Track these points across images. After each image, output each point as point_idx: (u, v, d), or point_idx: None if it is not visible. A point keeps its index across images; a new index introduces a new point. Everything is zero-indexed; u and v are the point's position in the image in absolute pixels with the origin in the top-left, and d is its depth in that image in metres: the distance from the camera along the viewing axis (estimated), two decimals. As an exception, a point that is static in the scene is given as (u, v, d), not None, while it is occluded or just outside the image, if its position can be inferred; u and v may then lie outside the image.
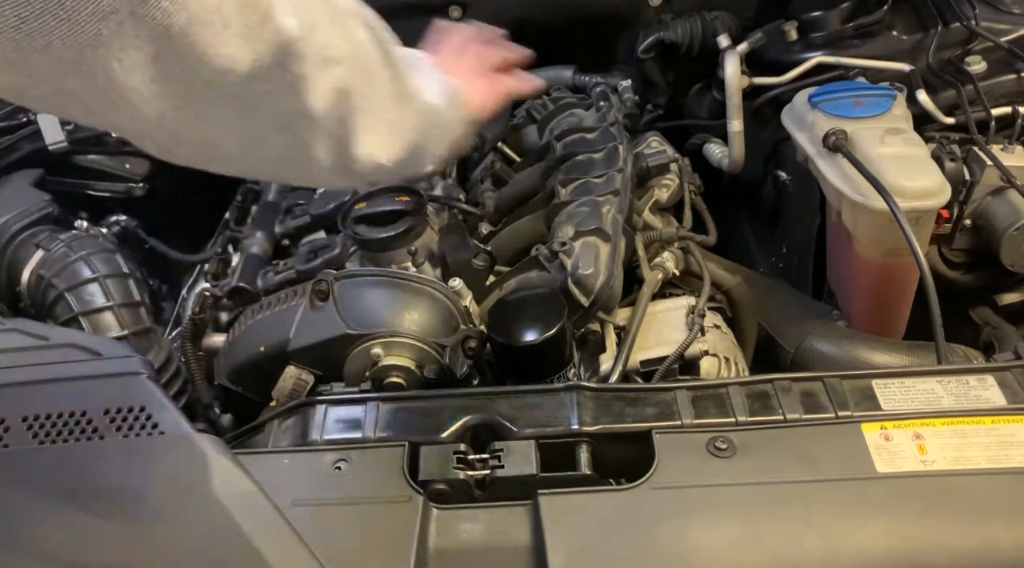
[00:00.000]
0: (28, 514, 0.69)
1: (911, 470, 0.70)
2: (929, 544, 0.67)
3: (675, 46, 1.44)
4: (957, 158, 1.14)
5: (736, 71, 1.31)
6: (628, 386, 0.88)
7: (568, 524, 0.68)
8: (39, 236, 1.16)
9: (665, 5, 1.48)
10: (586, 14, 1.49)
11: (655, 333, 1.01)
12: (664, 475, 0.71)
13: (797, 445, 0.73)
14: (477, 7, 1.48)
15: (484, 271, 1.02)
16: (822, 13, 1.32)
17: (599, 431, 0.76)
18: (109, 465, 0.71)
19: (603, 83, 1.37)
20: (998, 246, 1.13)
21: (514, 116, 1.39)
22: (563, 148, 1.20)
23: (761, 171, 1.41)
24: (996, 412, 0.74)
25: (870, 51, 1.29)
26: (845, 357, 1.08)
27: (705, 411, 0.76)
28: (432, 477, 0.72)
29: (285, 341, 0.94)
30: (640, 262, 1.09)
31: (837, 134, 1.08)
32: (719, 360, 0.99)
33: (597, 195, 1.06)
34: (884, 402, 0.76)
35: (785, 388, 0.78)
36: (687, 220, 1.21)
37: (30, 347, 0.80)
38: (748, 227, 1.51)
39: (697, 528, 0.68)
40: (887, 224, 1.01)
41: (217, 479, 0.69)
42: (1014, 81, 1.24)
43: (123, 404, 0.73)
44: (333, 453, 0.74)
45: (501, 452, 0.74)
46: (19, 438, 0.72)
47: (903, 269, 1.09)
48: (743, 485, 0.70)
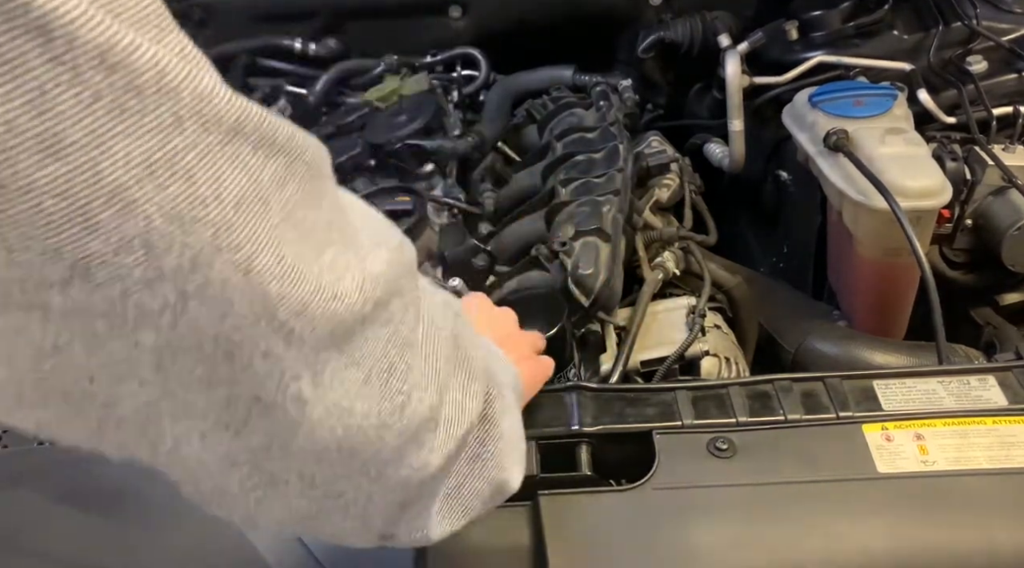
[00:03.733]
0: (28, 514, 0.69)
1: (912, 470, 0.70)
2: (930, 544, 0.67)
3: (675, 46, 1.44)
4: (958, 158, 1.14)
5: (736, 71, 1.31)
6: (628, 386, 0.88)
7: (568, 525, 0.68)
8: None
9: (665, 5, 1.48)
10: (586, 14, 1.49)
11: (655, 333, 1.00)
12: (665, 475, 0.70)
13: (798, 445, 0.72)
14: (477, 7, 1.48)
15: (484, 271, 1.01)
16: (823, 12, 1.32)
17: (599, 431, 0.76)
18: (109, 465, 0.71)
19: (603, 83, 1.36)
20: (999, 246, 1.13)
21: (514, 116, 1.39)
22: (563, 148, 1.20)
23: (762, 171, 1.41)
24: (997, 412, 0.74)
25: (871, 50, 1.28)
26: (846, 357, 1.08)
27: (706, 411, 0.76)
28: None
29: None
30: (640, 262, 1.09)
31: (838, 134, 1.08)
32: (720, 360, 0.99)
33: (597, 195, 1.06)
34: (885, 402, 0.76)
35: (786, 388, 0.78)
36: (687, 220, 1.21)
37: (29, 347, 0.80)
38: (749, 227, 1.51)
39: (698, 528, 0.67)
40: (888, 224, 1.01)
41: (216, 480, 0.69)
42: (1015, 81, 1.24)
43: (122, 404, 0.73)
44: (333, 453, 0.74)
45: (501, 452, 0.74)
46: (18, 439, 0.72)
47: (904, 269, 1.09)
48: (744, 485, 0.69)
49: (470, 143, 1.23)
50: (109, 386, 0.36)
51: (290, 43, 1.44)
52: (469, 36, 1.48)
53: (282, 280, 0.37)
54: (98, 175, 0.31)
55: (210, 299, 0.35)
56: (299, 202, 0.38)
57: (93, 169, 0.31)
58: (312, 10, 1.47)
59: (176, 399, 0.38)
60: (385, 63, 1.42)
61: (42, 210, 0.31)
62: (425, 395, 0.46)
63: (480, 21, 1.49)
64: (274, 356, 0.38)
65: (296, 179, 0.38)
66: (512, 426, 0.58)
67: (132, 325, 0.34)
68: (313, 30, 1.47)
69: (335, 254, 0.40)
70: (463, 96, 1.38)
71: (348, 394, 0.42)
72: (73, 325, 0.34)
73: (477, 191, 1.22)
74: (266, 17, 1.45)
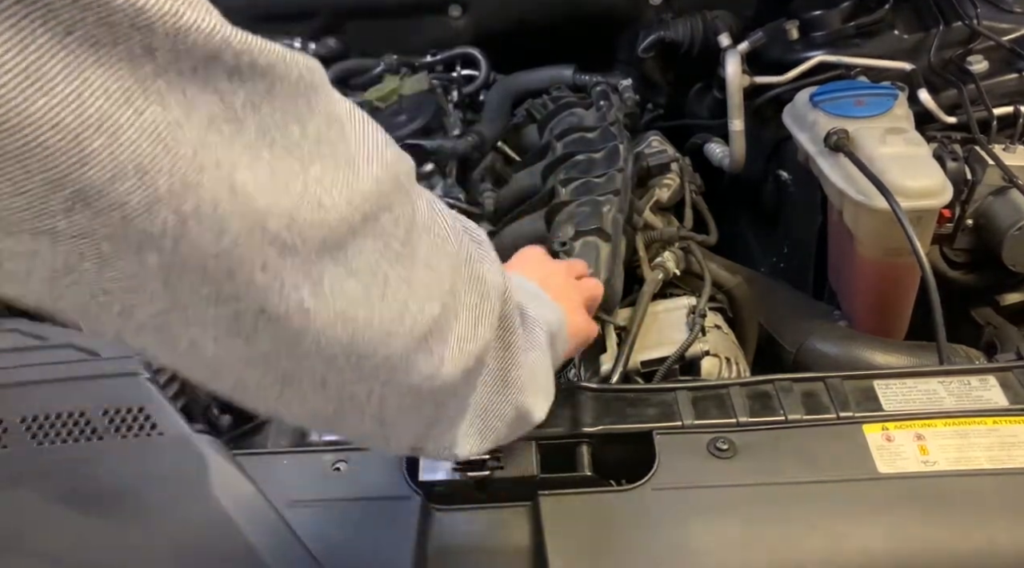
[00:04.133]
0: (28, 514, 0.69)
1: (913, 471, 0.70)
2: (930, 545, 0.67)
3: (676, 45, 1.44)
4: (959, 157, 1.14)
5: (737, 70, 1.30)
6: (629, 386, 0.88)
7: (568, 525, 0.67)
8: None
9: (665, 4, 1.48)
10: (586, 13, 1.49)
11: (656, 333, 1.00)
12: (665, 476, 0.70)
13: (798, 446, 0.72)
14: (477, 6, 1.48)
15: (484, 271, 1.01)
16: (823, 12, 1.32)
17: (600, 431, 0.76)
18: (108, 466, 0.71)
19: (603, 82, 1.36)
20: (1000, 246, 1.13)
21: (514, 116, 1.39)
22: (563, 147, 1.20)
23: (762, 171, 1.41)
24: (998, 413, 0.74)
25: (871, 50, 1.28)
26: (846, 357, 1.08)
27: (706, 411, 0.76)
28: (432, 478, 0.72)
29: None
30: (640, 262, 1.09)
31: (838, 133, 1.08)
32: (720, 360, 0.99)
33: (597, 195, 1.06)
34: (886, 402, 0.76)
35: (786, 388, 0.77)
36: (688, 220, 1.21)
37: (28, 347, 0.80)
38: (749, 227, 1.51)
39: (698, 529, 0.67)
40: (888, 224, 1.01)
41: (216, 480, 0.69)
42: (1016, 80, 1.24)
43: (122, 404, 0.73)
44: (332, 454, 0.74)
45: (501, 453, 0.74)
46: (18, 439, 0.72)
47: (904, 269, 1.09)
48: (744, 486, 0.69)
49: (470, 143, 1.23)
50: (122, 299, 0.39)
51: (290, 43, 1.44)
52: (469, 36, 1.48)
53: (267, 194, 0.39)
54: (83, 105, 0.33)
55: (206, 219, 0.38)
56: (279, 121, 0.40)
57: (78, 100, 0.33)
58: (312, 10, 1.47)
59: (187, 312, 0.41)
60: (385, 63, 1.42)
61: (39, 143, 0.33)
62: (426, 306, 0.48)
63: (480, 21, 1.49)
64: (272, 268, 0.41)
65: (277, 100, 0.40)
66: (538, 361, 0.62)
67: (136, 248, 0.37)
68: (313, 30, 1.47)
69: (323, 168, 0.42)
70: (463, 96, 1.38)
71: (351, 303, 0.44)
72: (81, 247, 0.36)
73: (477, 191, 1.22)
74: (266, 17, 1.45)
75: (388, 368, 0.48)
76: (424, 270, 0.48)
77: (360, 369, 0.47)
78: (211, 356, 0.43)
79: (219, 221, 0.38)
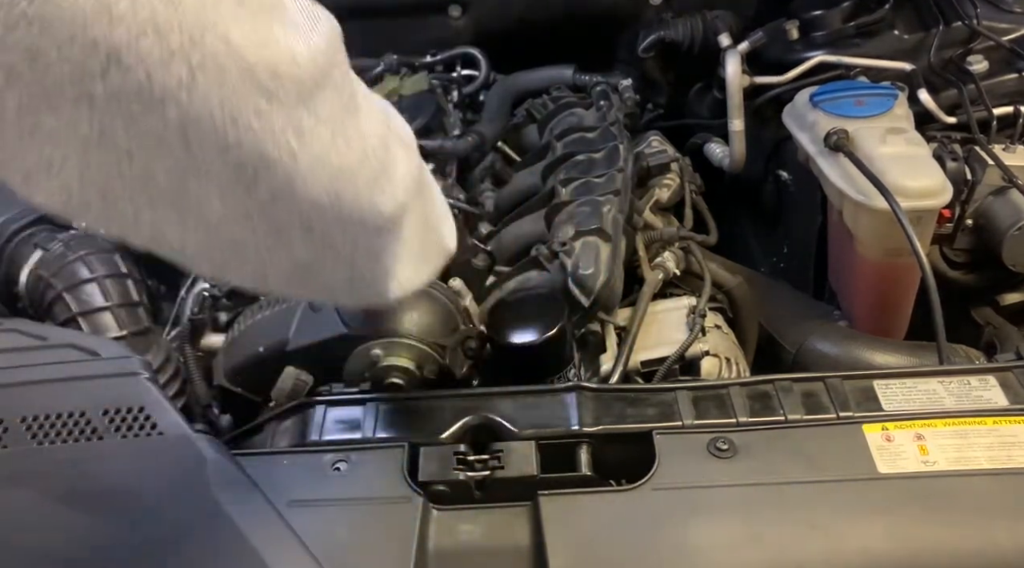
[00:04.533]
0: (28, 514, 0.68)
1: (913, 471, 0.70)
2: (930, 545, 0.67)
3: (676, 45, 1.44)
4: (959, 157, 1.14)
5: (737, 70, 1.31)
6: (629, 386, 0.88)
7: (568, 525, 0.67)
8: (37, 236, 1.15)
9: (665, 4, 1.48)
10: (586, 13, 1.49)
11: (656, 333, 1.00)
12: (665, 476, 0.70)
13: (798, 446, 0.72)
14: (477, 6, 1.48)
15: (484, 271, 1.01)
16: (823, 12, 1.32)
17: (599, 432, 0.76)
18: (108, 465, 0.71)
19: (603, 82, 1.36)
20: (1000, 246, 1.13)
21: (514, 116, 1.39)
22: (563, 147, 1.20)
23: (762, 171, 1.41)
24: (998, 413, 0.74)
25: (871, 50, 1.28)
26: (846, 357, 1.08)
27: (706, 411, 0.76)
28: (432, 478, 0.72)
29: (284, 341, 0.93)
30: (640, 262, 1.09)
31: (838, 133, 1.08)
32: (720, 360, 0.99)
33: (597, 195, 1.06)
34: (885, 402, 0.76)
35: (786, 388, 0.77)
36: (688, 220, 1.21)
37: (28, 347, 0.80)
38: (749, 227, 1.51)
39: (698, 529, 0.67)
40: (888, 224, 1.01)
41: (216, 480, 0.69)
42: (1016, 80, 1.24)
43: (122, 404, 0.73)
44: (332, 454, 0.74)
45: (501, 453, 0.74)
46: (18, 439, 0.72)
47: (904, 269, 1.09)
48: (744, 486, 0.69)
49: (470, 143, 1.23)
50: (146, 160, 0.47)
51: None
52: (469, 36, 1.48)
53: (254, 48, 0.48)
54: None
55: (211, 70, 0.46)
56: None
57: None
58: (312, 10, 1.47)
59: (200, 167, 0.49)
60: (385, 63, 1.42)
61: (78, 7, 0.42)
62: (378, 151, 0.58)
63: (480, 20, 1.49)
64: (264, 114, 0.49)
65: None
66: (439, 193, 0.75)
67: (159, 100, 0.45)
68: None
69: (284, 29, 0.50)
70: (463, 96, 1.38)
71: (324, 148, 0.53)
72: (114, 108, 0.45)
73: (477, 191, 1.22)
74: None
75: (358, 208, 0.57)
76: (367, 121, 0.58)
77: (339, 209, 0.55)
78: (217, 216, 0.51)
79: (221, 71, 0.46)
